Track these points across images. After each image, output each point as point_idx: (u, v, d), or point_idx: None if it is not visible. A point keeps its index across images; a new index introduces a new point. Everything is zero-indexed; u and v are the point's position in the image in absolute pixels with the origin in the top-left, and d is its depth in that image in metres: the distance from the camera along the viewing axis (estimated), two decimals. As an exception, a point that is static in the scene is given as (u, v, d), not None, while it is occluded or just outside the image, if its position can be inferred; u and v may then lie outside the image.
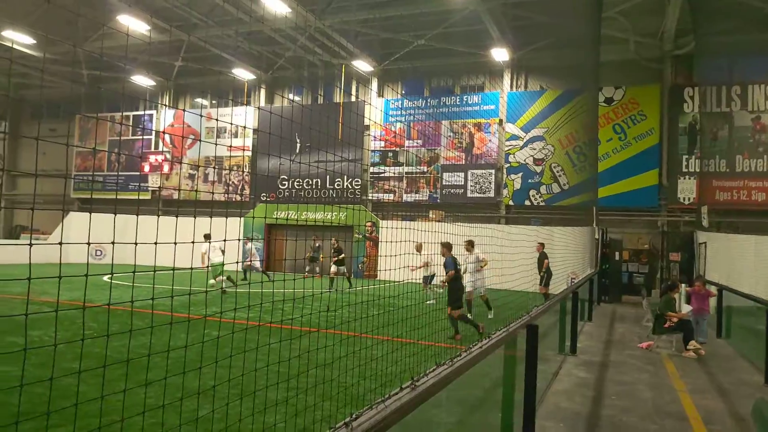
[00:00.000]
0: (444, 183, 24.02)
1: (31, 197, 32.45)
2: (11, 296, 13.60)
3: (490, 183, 23.38)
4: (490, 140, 23.49)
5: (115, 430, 4.56)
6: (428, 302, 12.54)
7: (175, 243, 2.71)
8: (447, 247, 10.43)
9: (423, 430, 5.68)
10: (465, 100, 24.08)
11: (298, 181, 25.93)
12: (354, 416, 2.31)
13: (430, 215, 22.88)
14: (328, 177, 25.38)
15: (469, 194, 23.59)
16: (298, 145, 25.02)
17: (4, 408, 5.32)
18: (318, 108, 26.16)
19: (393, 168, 24.94)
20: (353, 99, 26.44)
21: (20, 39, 23.23)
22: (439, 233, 9.70)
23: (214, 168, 27.36)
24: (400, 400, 2.67)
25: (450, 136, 24.02)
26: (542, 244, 15.33)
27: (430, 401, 3.02)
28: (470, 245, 12.17)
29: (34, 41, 23.84)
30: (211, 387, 5.92)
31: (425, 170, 24.55)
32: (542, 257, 15.04)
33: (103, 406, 5.04)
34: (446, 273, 10.20)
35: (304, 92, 27.31)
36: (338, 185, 25.50)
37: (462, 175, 23.74)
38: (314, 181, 25.76)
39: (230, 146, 25.77)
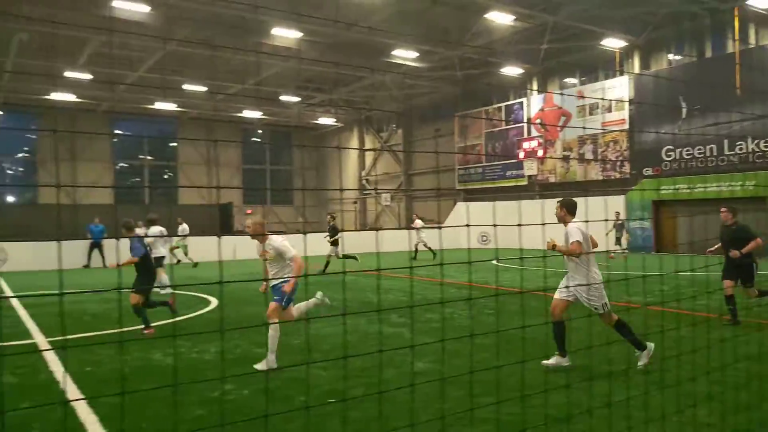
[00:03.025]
0: None
1: (424, 192, 37.07)
2: (416, 278, 15.39)
3: None
4: None
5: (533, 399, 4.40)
6: None
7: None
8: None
9: None
10: None
11: (688, 150, 22.73)
12: None
13: None
14: (726, 141, 21.52)
15: None
16: (684, 109, 22.03)
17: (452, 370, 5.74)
18: (707, 63, 22.56)
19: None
20: (752, 45, 21.89)
21: (407, 55, 26.61)
22: None
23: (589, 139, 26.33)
24: None
25: None
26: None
27: None
28: (565, 210, 6.21)
29: (417, 54, 26.99)
30: (623, 371, 5.63)
31: None
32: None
33: (513, 381, 5.24)
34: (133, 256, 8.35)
35: (686, 48, 23.89)
36: (740, 149, 21.36)
37: None
38: (708, 147, 22.14)
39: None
